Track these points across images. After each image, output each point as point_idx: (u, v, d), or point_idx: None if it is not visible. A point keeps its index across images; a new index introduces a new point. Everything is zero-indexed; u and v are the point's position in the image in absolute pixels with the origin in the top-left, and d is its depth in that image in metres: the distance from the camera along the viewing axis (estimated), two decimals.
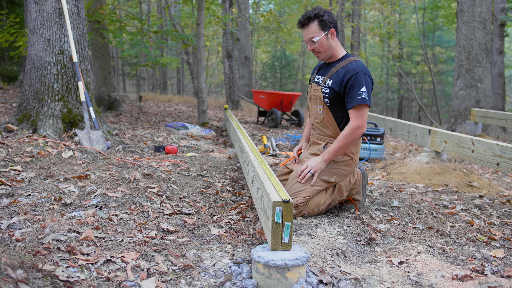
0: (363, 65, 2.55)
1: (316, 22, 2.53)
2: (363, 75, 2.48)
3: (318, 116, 2.68)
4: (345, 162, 2.61)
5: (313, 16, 2.53)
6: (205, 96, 6.69)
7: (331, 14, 2.57)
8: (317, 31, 2.54)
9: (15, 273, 1.37)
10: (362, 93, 2.46)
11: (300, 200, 2.48)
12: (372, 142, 4.99)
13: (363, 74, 2.49)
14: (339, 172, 2.59)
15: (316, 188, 2.53)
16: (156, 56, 8.72)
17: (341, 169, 2.59)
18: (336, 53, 2.63)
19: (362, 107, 2.47)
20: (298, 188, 2.52)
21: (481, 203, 3.05)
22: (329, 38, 2.56)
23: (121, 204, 2.42)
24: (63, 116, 3.88)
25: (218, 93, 28.78)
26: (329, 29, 2.54)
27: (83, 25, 4.13)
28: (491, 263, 1.99)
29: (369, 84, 2.51)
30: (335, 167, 2.59)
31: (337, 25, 2.60)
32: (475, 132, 7.22)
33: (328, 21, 2.53)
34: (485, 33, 7.94)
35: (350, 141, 2.50)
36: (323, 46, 2.57)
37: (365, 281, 1.74)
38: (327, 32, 2.54)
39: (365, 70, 2.52)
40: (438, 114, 14.23)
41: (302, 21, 2.58)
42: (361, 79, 2.47)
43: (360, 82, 2.47)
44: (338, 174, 2.59)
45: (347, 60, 2.58)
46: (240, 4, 12.36)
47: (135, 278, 1.60)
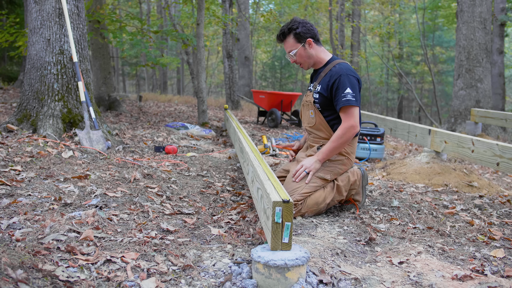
0: (346, 66, 2.58)
1: (291, 36, 2.62)
2: (346, 77, 2.52)
3: (310, 120, 2.73)
4: (341, 161, 2.65)
5: (287, 30, 2.62)
6: (205, 96, 6.69)
7: (306, 24, 2.62)
8: (294, 44, 2.63)
9: (15, 273, 1.37)
10: (346, 94, 2.50)
11: (297, 197, 2.50)
12: (372, 142, 4.99)
13: (346, 76, 2.52)
14: (335, 170, 2.63)
15: (312, 185, 2.56)
16: (156, 56, 8.72)
17: (336, 167, 2.64)
18: (320, 59, 2.68)
19: (349, 108, 2.52)
20: (294, 186, 2.55)
21: (481, 203, 3.05)
22: (307, 49, 2.63)
23: (121, 204, 2.42)
24: (63, 116, 3.88)
25: (218, 93, 28.78)
26: (305, 40, 2.61)
27: (83, 25, 4.13)
28: (491, 263, 1.99)
29: (353, 83, 2.53)
30: (331, 165, 2.63)
31: (315, 33, 2.65)
32: (475, 132, 7.22)
33: (303, 33, 2.60)
34: (485, 33, 7.94)
35: (343, 141, 2.54)
36: (303, 57, 2.65)
37: (365, 281, 1.74)
38: (303, 43, 2.62)
39: (348, 71, 2.55)
40: (438, 114, 14.23)
41: (278, 37, 2.67)
42: (344, 81, 2.51)
43: (343, 84, 2.51)
44: (333, 172, 2.63)
45: (332, 64, 2.62)
46: (240, 4, 12.36)
47: (135, 278, 1.60)
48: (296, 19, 2.64)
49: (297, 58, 2.66)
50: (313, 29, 2.64)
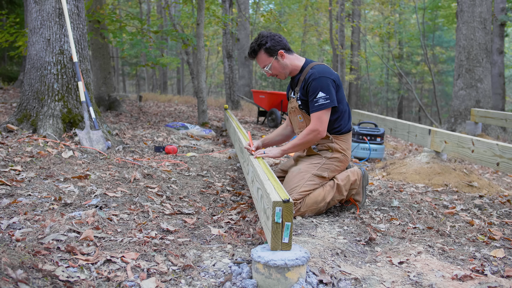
0: (319, 68, 2.57)
1: (262, 51, 2.64)
2: (317, 81, 2.52)
3: (301, 125, 2.76)
4: (337, 158, 2.68)
5: (257, 47, 2.65)
6: (205, 96, 6.69)
7: (274, 37, 2.64)
8: (266, 59, 2.66)
9: (15, 273, 1.37)
10: (318, 99, 2.52)
11: (296, 196, 2.51)
12: (372, 142, 4.99)
13: (317, 79, 2.52)
14: (331, 168, 2.67)
15: (310, 183, 2.58)
16: (156, 56, 8.72)
17: (333, 165, 2.67)
18: (295, 66, 2.70)
19: (318, 113, 2.53)
20: (293, 185, 2.58)
21: (481, 203, 3.05)
22: (280, 60, 2.65)
23: (121, 204, 2.42)
24: (63, 116, 3.88)
25: (218, 93, 28.78)
26: (277, 52, 2.63)
27: (83, 25, 4.13)
28: (491, 263, 1.99)
29: (325, 84, 2.52)
30: (328, 163, 2.66)
31: (284, 43, 2.67)
32: (475, 132, 7.22)
33: (273, 46, 2.62)
34: (485, 33, 7.94)
35: (306, 141, 2.57)
36: (277, 69, 2.68)
37: (365, 281, 1.74)
38: (276, 56, 2.64)
39: (320, 73, 2.54)
40: (438, 114, 14.24)
41: (250, 55, 2.70)
42: (314, 85, 2.52)
43: (314, 88, 2.53)
44: (330, 170, 2.66)
45: (307, 68, 2.63)
46: (240, 4, 12.36)
47: (135, 278, 1.60)
48: (263, 34, 2.66)
49: (272, 71, 2.69)
50: (282, 40, 2.67)
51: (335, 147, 2.67)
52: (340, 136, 2.70)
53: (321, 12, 17.58)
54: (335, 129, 2.67)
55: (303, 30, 21.00)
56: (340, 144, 2.68)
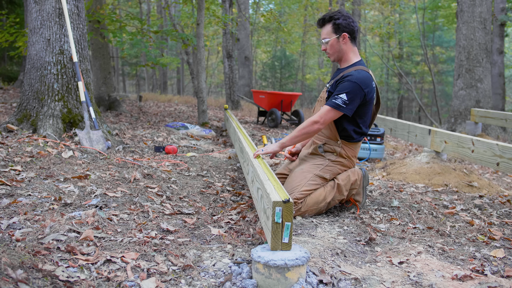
0: (362, 74, 2.52)
1: (330, 24, 2.60)
2: (352, 83, 2.47)
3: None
4: (341, 163, 2.67)
5: (328, 18, 2.61)
6: (205, 96, 6.69)
7: (348, 19, 2.59)
8: (329, 33, 2.61)
9: (15, 273, 1.37)
10: (338, 98, 2.48)
11: (297, 195, 2.51)
12: (372, 142, 4.99)
13: (353, 82, 2.47)
14: (334, 170, 2.66)
15: (312, 182, 2.58)
16: (156, 56, 8.72)
17: (336, 168, 2.67)
18: (348, 58, 2.65)
19: (329, 108, 2.49)
20: (294, 185, 2.58)
21: (481, 203, 3.05)
22: (340, 42, 2.60)
23: (121, 204, 2.42)
24: (63, 116, 3.88)
25: (218, 93, 28.78)
26: (342, 33, 2.58)
27: (83, 25, 4.13)
28: (491, 263, 1.99)
29: (354, 92, 2.47)
30: (331, 165, 2.66)
31: (353, 30, 2.61)
32: (475, 132, 7.22)
33: (342, 25, 2.57)
34: (485, 33, 7.94)
35: (304, 132, 2.53)
36: (333, 48, 2.63)
37: (365, 281, 1.74)
38: (338, 36, 2.59)
39: (358, 79, 2.49)
40: (438, 114, 14.23)
41: (319, 22, 2.67)
42: (346, 85, 2.48)
43: (343, 87, 2.48)
44: (332, 172, 2.65)
45: (354, 67, 2.59)
46: (240, 4, 12.35)
47: (135, 278, 1.60)
48: (341, 11, 2.62)
49: (328, 47, 2.64)
50: (354, 26, 2.60)
51: (341, 152, 2.65)
52: (349, 144, 2.67)
53: (321, 12, 17.58)
54: (346, 136, 2.64)
55: (303, 30, 21.01)
56: (347, 151, 2.66)
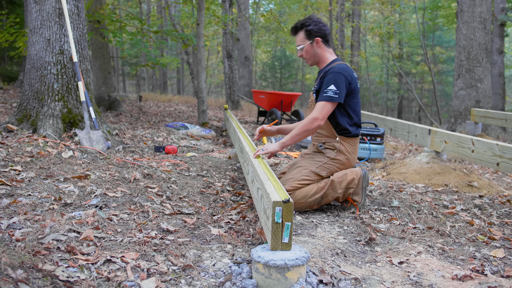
0: (342, 66, 2.64)
1: (302, 31, 2.74)
2: (335, 74, 2.59)
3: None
4: (340, 160, 2.70)
5: (300, 26, 2.75)
6: (205, 96, 6.69)
7: (319, 24, 2.73)
8: (302, 40, 2.75)
9: (15, 273, 1.37)
10: (328, 90, 2.57)
11: (287, 187, 2.57)
12: (372, 142, 4.99)
13: (336, 73, 2.59)
14: (332, 169, 2.70)
15: (305, 177, 2.63)
16: (156, 56, 8.71)
17: (334, 166, 2.70)
18: (325, 59, 2.78)
19: (324, 103, 2.57)
20: (288, 177, 2.65)
21: (481, 203, 3.05)
22: (314, 47, 2.74)
23: (121, 204, 2.42)
24: (63, 116, 3.88)
25: (218, 93, 28.77)
26: (314, 38, 2.72)
27: (83, 25, 4.13)
28: (491, 263, 1.99)
29: (340, 81, 2.58)
30: (329, 163, 2.69)
31: (325, 34, 2.75)
32: (475, 132, 7.22)
33: (314, 31, 2.71)
34: (485, 33, 7.94)
35: (305, 130, 2.58)
36: (308, 53, 2.76)
37: (365, 281, 1.74)
38: (311, 41, 2.73)
39: (340, 69, 2.61)
40: (438, 114, 14.23)
41: (292, 30, 2.82)
42: (331, 77, 2.59)
43: (329, 80, 2.59)
44: (330, 170, 2.69)
45: (332, 64, 2.71)
46: (240, 4, 12.35)
47: (135, 278, 1.60)
48: (312, 17, 2.76)
49: (303, 53, 2.77)
50: (325, 30, 2.74)
51: (341, 148, 2.69)
52: (348, 139, 2.71)
53: (321, 12, 17.58)
54: (343, 131, 2.69)
55: None
56: (346, 146, 2.70)
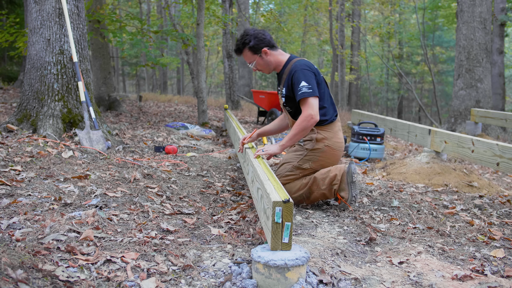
0: (301, 62, 2.68)
1: (246, 49, 2.74)
2: (299, 72, 2.62)
3: (289, 121, 2.90)
4: (320, 149, 2.73)
5: (241, 45, 2.75)
6: (205, 96, 6.69)
7: (258, 35, 2.72)
8: (251, 57, 2.76)
9: (15, 273, 1.37)
10: (301, 88, 2.59)
11: None
12: (372, 142, 4.99)
13: (300, 70, 2.62)
14: (314, 159, 2.73)
15: (288, 173, 2.72)
16: (156, 56, 8.71)
17: (315, 156, 2.73)
18: (279, 62, 2.79)
19: (305, 99, 2.59)
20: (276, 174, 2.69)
21: (481, 203, 3.05)
22: (264, 58, 2.75)
23: (121, 204, 2.42)
24: (63, 116, 3.88)
25: (218, 93, 28.77)
26: (261, 50, 2.72)
27: (83, 25, 4.13)
28: (491, 263, 1.99)
29: (307, 76, 2.61)
30: (310, 154, 2.73)
31: (269, 41, 2.74)
32: (475, 132, 7.22)
33: (256, 45, 2.71)
34: (485, 33, 7.94)
35: (302, 128, 2.59)
36: (262, 66, 2.78)
37: (365, 281, 1.74)
38: (260, 54, 2.74)
39: (301, 66, 2.65)
40: (438, 114, 14.24)
41: (236, 52, 2.82)
42: (297, 76, 2.61)
43: (297, 79, 2.61)
44: (312, 161, 2.73)
45: (289, 64, 2.73)
46: (240, 4, 12.35)
47: (135, 278, 1.60)
48: (247, 32, 2.74)
49: (257, 67, 2.79)
50: (266, 37, 2.73)
51: (318, 137, 2.72)
52: (324, 127, 2.74)
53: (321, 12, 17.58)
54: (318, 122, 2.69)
55: (303, 30, 21.00)
56: (323, 134, 2.73)
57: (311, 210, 2.77)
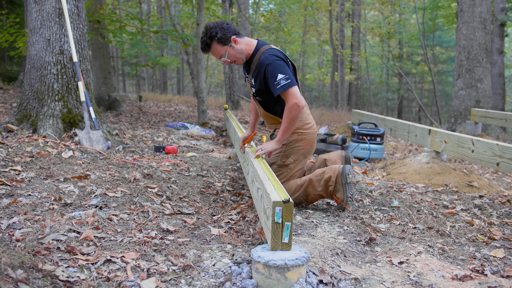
0: (271, 51, 2.57)
1: (215, 43, 2.60)
2: (272, 65, 2.51)
3: (259, 110, 2.83)
4: (295, 140, 2.71)
5: (209, 40, 2.60)
6: (205, 96, 6.69)
7: (223, 25, 2.61)
8: (221, 49, 2.61)
9: (15, 273, 1.37)
10: (279, 81, 2.49)
11: None
12: (372, 142, 4.99)
13: (273, 63, 2.51)
14: (293, 151, 2.71)
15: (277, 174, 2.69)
16: (156, 56, 8.71)
17: (294, 148, 2.72)
18: (249, 50, 2.66)
19: (286, 92, 2.50)
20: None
21: (481, 203, 3.05)
22: (235, 47, 2.62)
23: (121, 204, 2.42)
24: (63, 116, 3.88)
25: (218, 93, 28.77)
26: (229, 39, 2.60)
27: (83, 25, 4.13)
28: (491, 263, 1.99)
29: (281, 66, 2.51)
30: (287, 149, 2.72)
31: (234, 29, 2.63)
32: (475, 132, 7.22)
33: (224, 36, 2.58)
34: (485, 33, 7.94)
35: (291, 119, 2.53)
36: (234, 56, 2.64)
37: (365, 281, 1.74)
38: (229, 44, 2.61)
39: (273, 57, 2.53)
40: (438, 114, 14.24)
41: (203, 49, 2.66)
42: (271, 70, 2.51)
43: (272, 73, 2.51)
44: (293, 153, 2.71)
45: (259, 53, 2.61)
46: (240, 4, 12.35)
47: (135, 278, 1.60)
48: (210, 26, 2.62)
49: (230, 59, 2.65)
50: (230, 26, 2.63)
51: None
52: None
53: (321, 12, 17.59)
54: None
55: (303, 30, 21.01)
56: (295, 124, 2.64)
57: (311, 210, 2.77)
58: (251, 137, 2.91)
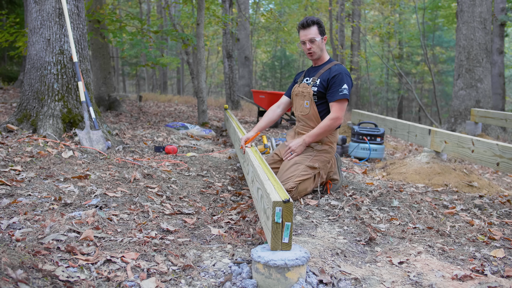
0: (345, 68, 3.05)
1: (316, 26, 3.03)
2: (345, 76, 2.97)
3: (304, 110, 3.12)
4: (325, 150, 3.06)
5: (316, 20, 3.05)
6: (205, 96, 6.69)
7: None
8: (317, 34, 3.04)
9: (15, 273, 1.37)
10: (343, 89, 2.93)
11: (291, 184, 2.85)
12: (372, 142, 4.99)
13: (345, 75, 2.98)
14: (321, 159, 3.03)
15: (303, 173, 2.92)
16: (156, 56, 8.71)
17: (322, 156, 3.04)
18: (324, 56, 3.15)
19: (343, 101, 2.95)
20: (289, 175, 2.90)
21: (481, 203, 3.05)
22: (323, 42, 3.10)
23: (121, 204, 2.42)
24: (63, 116, 3.88)
25: (218, 93, 28.77)
26: (324, 35, 3.08)
27: (83, 25, 4.13)
28: (491, 263, 1.99)
29: (349, 83, 2.99)
30: (318, 155, 3.02)
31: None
32: (475, 132, 7.22)
33: (323, 29, 3.07)
34: (485, 33, 7.94)
35: (329, 129, 2.96)
36: (318, 47, 3.07)
37: (365, 281, 1.74)
38: (322, 37, 3.07)
39: (346, 72, 3.01)
40: (438, 114, 14.23)
41: (305, 23, 3.04)
42: (343, 78, 2.96)
43: (342, 80, 2.95)
44: (320, 161, 3.02)
45: (331, 63, 3.09)
46: (240, 4, 12.35)
47: (135, 278, 1.60)
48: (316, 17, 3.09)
49: (314, 46, 3.03)
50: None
51: (325, 141, 3.06)
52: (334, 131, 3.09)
53: (321, 12, 17.58)
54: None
55: None
56: (329, 138, 3.07)
57: (311, 210, 2.77)
58: (253, 137, 3.10)
